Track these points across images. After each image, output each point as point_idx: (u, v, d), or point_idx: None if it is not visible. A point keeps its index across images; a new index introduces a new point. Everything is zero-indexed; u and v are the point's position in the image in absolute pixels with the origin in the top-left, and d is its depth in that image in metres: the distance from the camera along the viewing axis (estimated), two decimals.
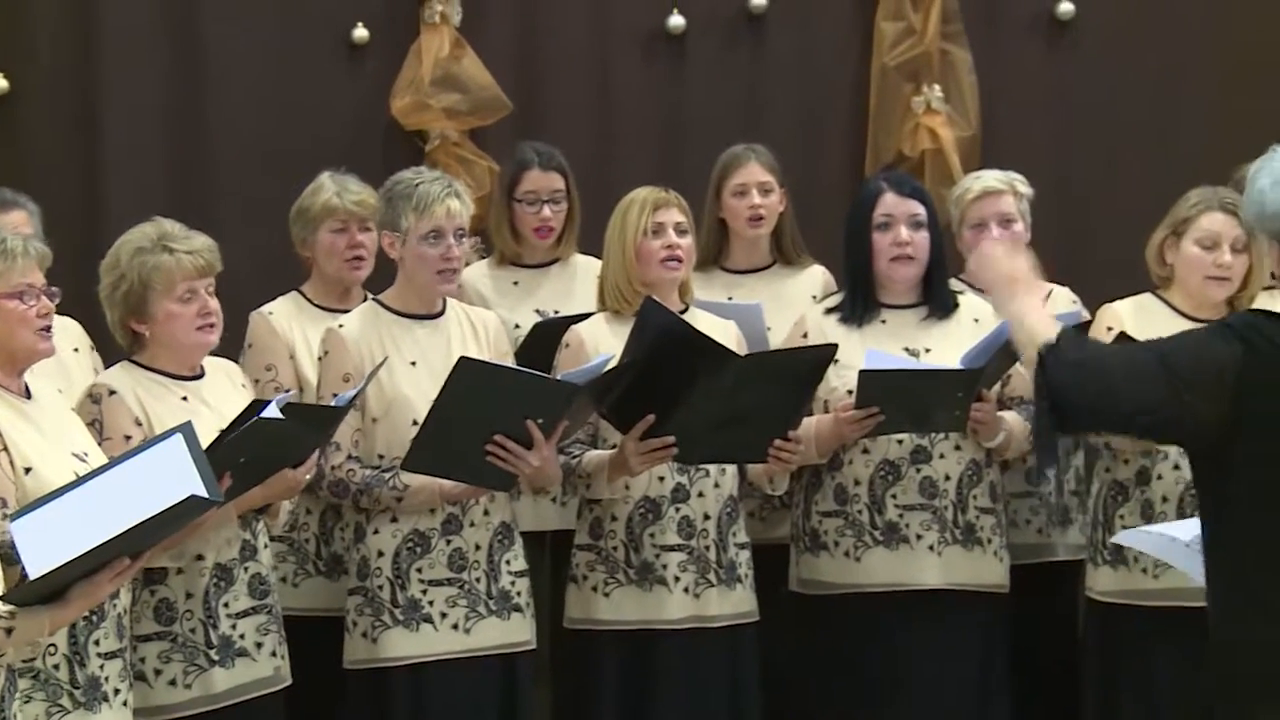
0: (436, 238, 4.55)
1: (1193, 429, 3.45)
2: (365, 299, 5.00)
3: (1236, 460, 3.43)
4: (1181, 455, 4.77)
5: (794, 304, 5.26)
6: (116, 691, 3.93)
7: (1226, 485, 3.48)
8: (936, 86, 6.27)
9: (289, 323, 5.04)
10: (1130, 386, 3.46)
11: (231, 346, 4.72)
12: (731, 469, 4.80)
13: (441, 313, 4.66)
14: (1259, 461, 3.41)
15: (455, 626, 4.55)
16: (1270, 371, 3.42)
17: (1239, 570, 3.47)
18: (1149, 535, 4.16)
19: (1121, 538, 4.40)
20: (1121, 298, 5.00)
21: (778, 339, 5.06)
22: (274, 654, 4.40)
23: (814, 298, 5.32)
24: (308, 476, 4.31)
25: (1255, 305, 4.76)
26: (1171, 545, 3.97)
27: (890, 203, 4.91)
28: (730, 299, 5.23)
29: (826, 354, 4.62)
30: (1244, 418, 3.40)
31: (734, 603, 4.79)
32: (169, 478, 3.53)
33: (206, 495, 3.52)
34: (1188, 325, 4.84)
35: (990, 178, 5.37)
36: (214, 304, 4.28)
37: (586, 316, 4.86)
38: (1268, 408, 3.40)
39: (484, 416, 4.36)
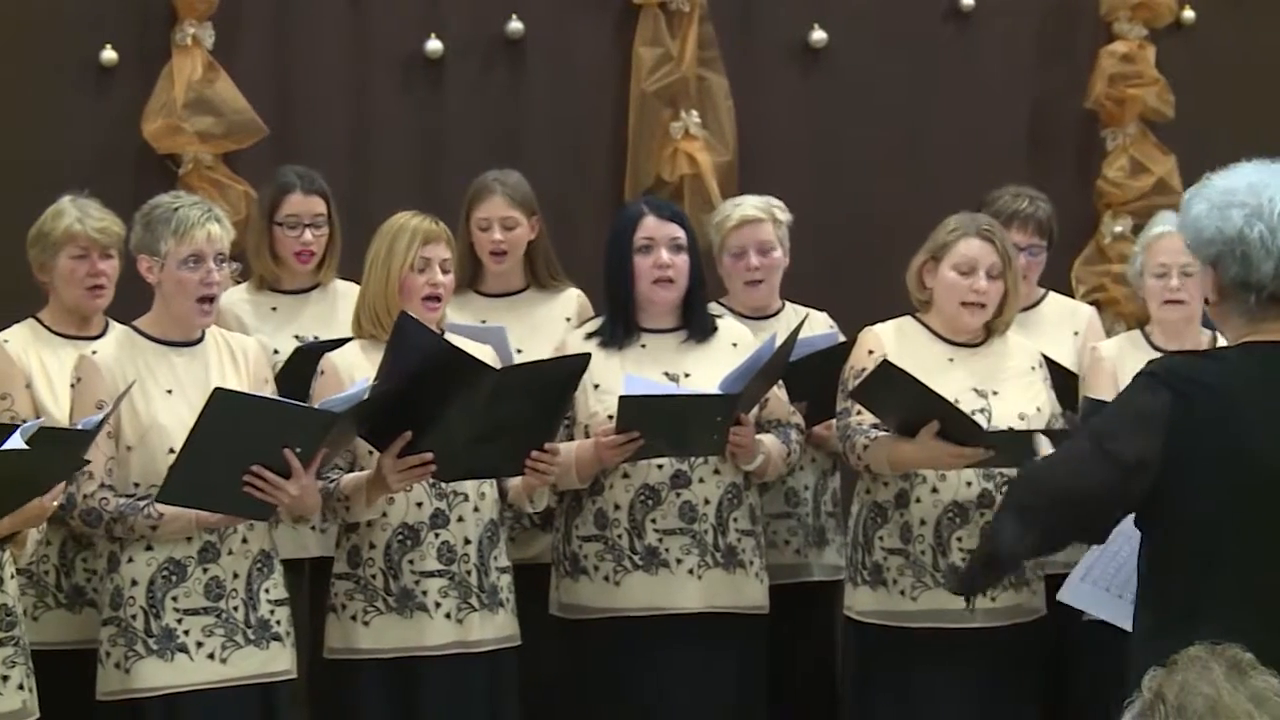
0: (196, 262, 4.48)
1: (1135, 485, 3.48)
2: (106, 325, 4.91)
3: (1173, 501, 3.47)
4: (939, 478, 4.87)
5: (549, 328, 5.26)
6: None
7: (1165, 530, 3.52)
8: (694, 112, 6.32)
9: (25, 350, 4.90)
10: (1074, 474, 3.54)
11: None
12: (491, 492, 4.78)
13: (199, 339, 4.58)
14: (1190, 498, 3.46)
15: (211, 656, 4.47)
16: (1197, 405, 3.46)
17: (1166, 616, 3.50)
18: (1091, 591, 4.24)
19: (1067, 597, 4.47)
20: (879, 321, 5.07)
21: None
22: (21, 687, 4.29)
23: (567, 320, 5.32)
24: (55, 504, 4.22)
25: (1004, 341, 4.92)
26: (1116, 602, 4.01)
27: (651, 226, 4.94)
28: (484, 323, 5.22)
29: (579, 364, 4.63)
30: (1176, 459, 3.44)
31: (497, 627, 4.76)
32: None
33: None
34: (946, 349, 4.94)
35: (749, 206, 5.42)
36: None
37: (344, 343, 4.81)
38: (1197, 440, 3.44)
39: (241, 447, 4.29)
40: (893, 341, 4.95)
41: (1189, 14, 6.71)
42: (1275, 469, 3.42)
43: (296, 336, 5.20)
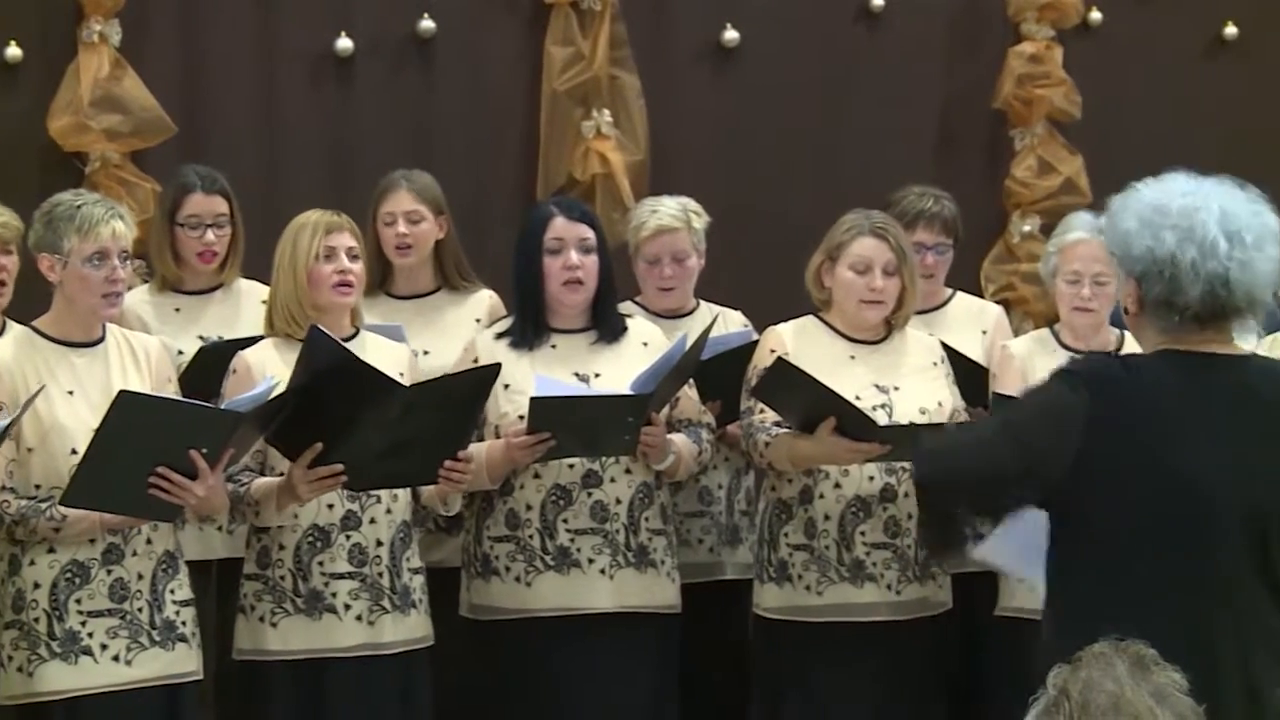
0: (100, 260, 4.44)
1: (1042, 475, 3.50)
2: (4, 325, 4.85)
3: (1083, 499, 3.49)
4: (842, 473, 4.89)
5: (459, 329, 5.25)
6: None
7: (1076, 528, 3.53)
8: (606, 111, 6.32)
9: None
10: (981, 455, 3.57)
11: None
12: (404, 494, 4.76)
13: (101, 339, 4.54)
14: (1103, 500, 3.47)
15: (116, 658, 4.42)
16: (1111, 406, 3.47)
17: (1077, 614, 3.51)
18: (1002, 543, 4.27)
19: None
20: (793, 319, 5.08)
21: (445, 364, 5.03)
22: None
23: (477, 321, 5.31)
24: None
25: (904, 337, 4.94)
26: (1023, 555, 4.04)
27: (560, 227, 4.93)
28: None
29: (490, 373, 4.62)
30: (1089, 458, 3.46)
31: (408, 628, 4.74)
32: None
33: None
34: (847, 346, 4.97)
35: (666, 214, 5.38)
36: None
37: (253, 341, 4.78)
38: (1109, 442, 3.46)
39: (145, 449, 4.26)
40: (794, 340, 4.97)
41: (1096, 15, 6.77)
42: (1186, 478, 3.44)
43: (200, 337, 5.17)
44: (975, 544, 4.40)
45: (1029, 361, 5.08)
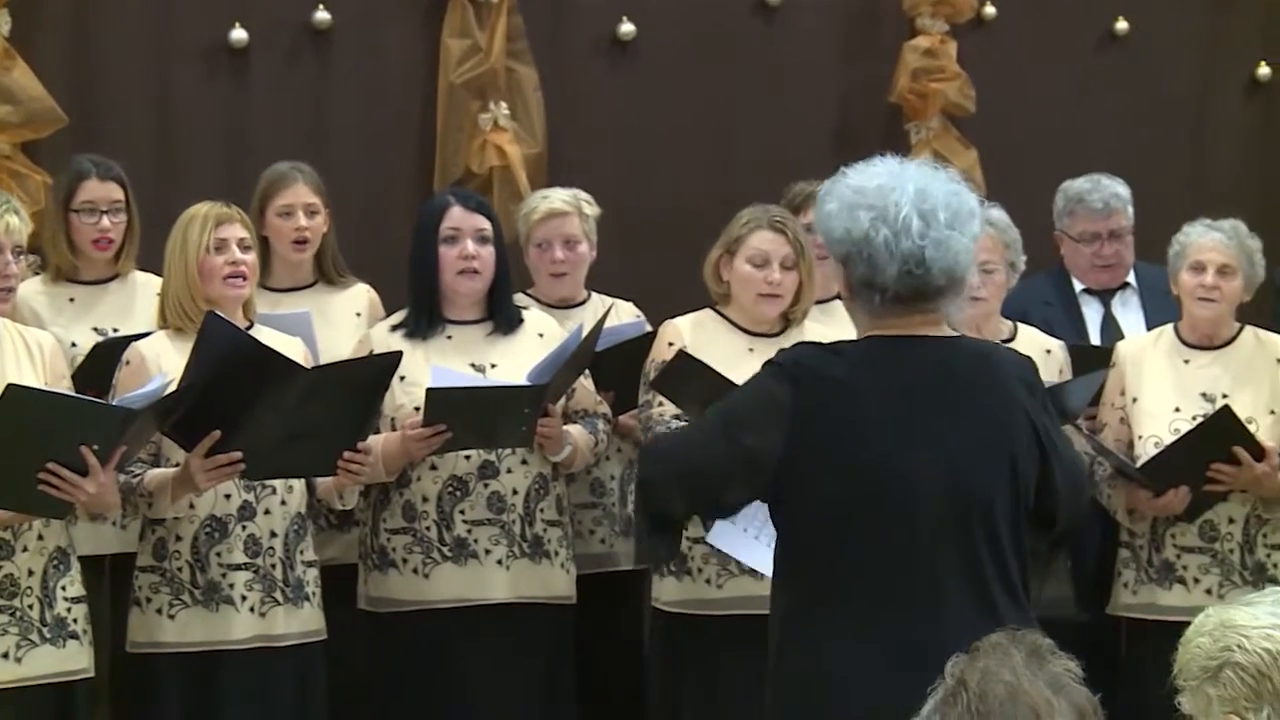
0: None
1: (757, 469, 3.53)
2: None
3: (796, 486, 3.53)
4: None
5: (338, 323, 5.23)
6: None
7: (791, 513, 3.58)
8: (503, 104, 6.30)
9: None
10: (697, 452, 3.60)
11: None
12: (299, 486, 4.74)
13: None
14: (813, 490, 3.51)
15: (6, 655, 4.37)
16: (816, 396, 3.51)
17: (798, 603, 3.57)
18: (731, 532, 4.29)
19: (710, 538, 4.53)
20: (688, 312, 5.10)
21: (325, 358, 4.99)
22: None
23: (358, 315, 5.28)
24: None
25: (801, 330, 4.97)
26: (753, 545, 4.07)
27: (456, 217, 4.93)
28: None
29: (391, 361, 4.60)
30: (799, 447, 3.49)
31: (301, 621, 4.72)
32: None
33: None
34: (745, 339, 4.99)
35: (556, 198, 5.43)
36: None
37: (148, 335, 4.74)
38: (817, 430, 3.49)
39: (35, 445, 4.21)
40: (692, 333, 5.00)
41: (990, 9, 6.82)
42: (889, 463, 3.48)
43: (95, 329, 5.12)
44: (707, 532, 4.49)
45: None
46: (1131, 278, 5.87)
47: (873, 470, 3.48)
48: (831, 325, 5.26)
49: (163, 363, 4.59)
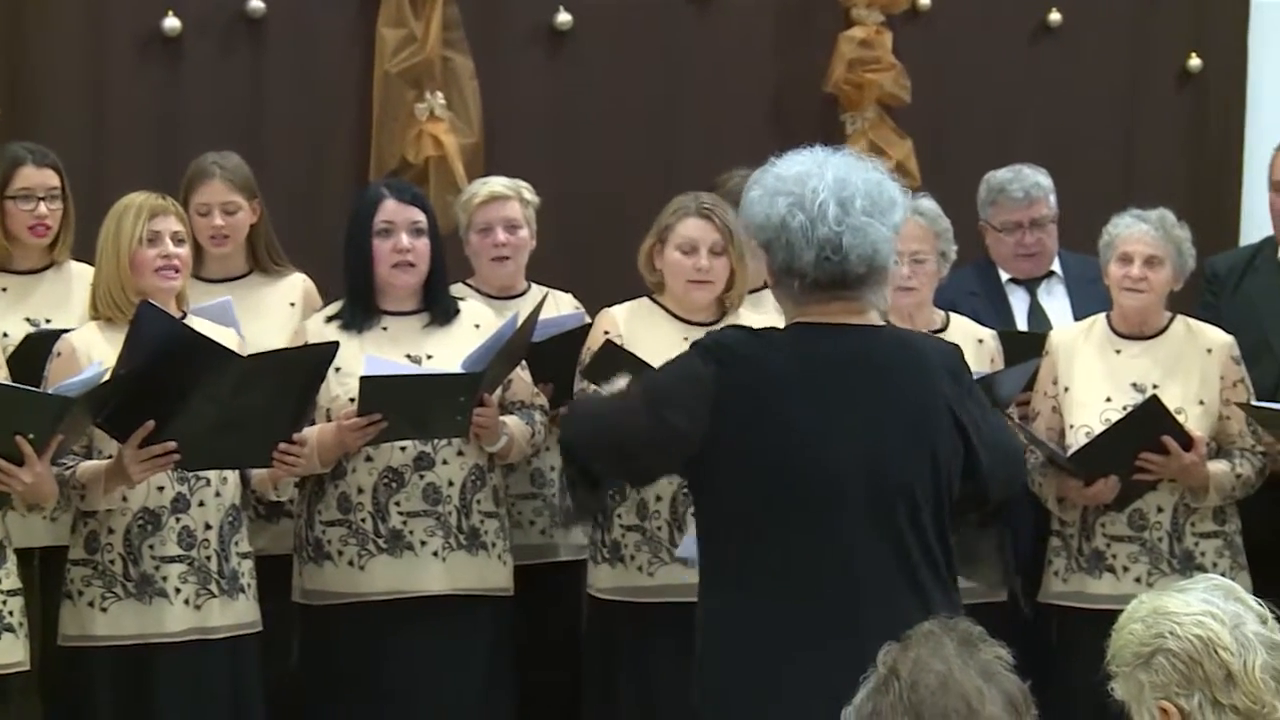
0: None
1: (678, 446, 3.56)
2: None
3: (718, 470, 3.56)
4: None
5: (272, 313, 5.21)
6: None
7: (713, 498, 3.61)
8: (439, 94, 6.28)
9: None
10: (620, 420, 3.65)
11: None
12: (233, 477, 4.72)
13: None
14: (734, 475, 3.54)
15: None
16: (740, 379, 3.54)
17: (723, 589, 3.61)
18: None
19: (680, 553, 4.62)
20: (625, 302, 5.11)
21: (260, 349, 4.96)
22: None
23: (292, 305, 5.27)
24: None
25: (737, 317, 4.99)
26: None
27: (390, 209, 4.91)
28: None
29: (327, 352, 4.59)
30: (721, 429, 3.52)
31: (236, 613, 4.71)
32: None
33: None
34: (681, 328, 5.00)
35: (497, 184, 5.45)
36: None
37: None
38: (739, 413, 3.52)
39: None
40: (628, 322, 5.01)
41: (925, 1, 6.84)
42: (808, 449, 3.52)
43: (28, 319, 5.08)
44: (675, 548, 4.55)
45: None
46: (1057, 266, 5.91)
47: (792, 457, 3.51)
48: (767, 314, 5.28)
49: (94, 354, 4.57)
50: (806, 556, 3.51)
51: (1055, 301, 5.88)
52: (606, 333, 4.98)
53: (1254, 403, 5.06)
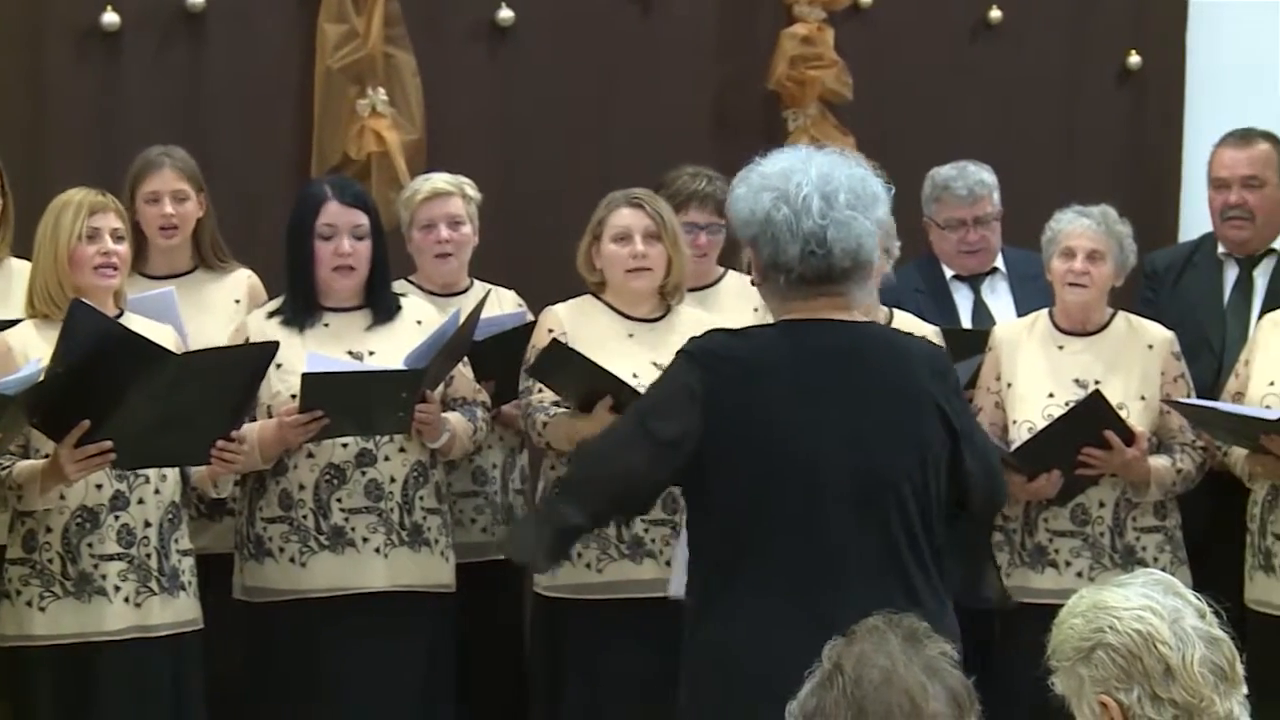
0: None
1: (673, 457, 3.60)
2: None
3: (708, 470, 3.58)
4: None
5: (218, 310, 5.19)
6: None
7: (705, 498, 3.63)
8: (381, 90, 6.26)
9: None
10: (618, 454, 3.67)
11: None
12: (173, 474, 4.70)
13: None
14: (723, 474, 3.57)
15: None
16: (726, 381, 3.57)
17: (711, 586, 3.63)
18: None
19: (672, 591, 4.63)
20: (567, 300, 5.10)
21: (205, 345, 4.94)
22: None
23: (237, 302, 5.25)
24: None
25: (679, 313, 5.01)
26: None
27: (333, 212, 4.89)
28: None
29: (268, 351, 4.57)
30: (709, 434, 3.55)
31: (176, 611, 4.69)
32: None
33: None
34: (625, 324, 5.01)
35: (439, 180, 5.43)
36: None
37: (12, 324, 4.68)
38: (728, 413, 3.55)
39: None
40: (572, 319, 5.01)
41: None
42: (794, 447, 3.55)
43: None
44: (669, 586, 4.60)
45: None
46: (1000, 263, 5.93)
47: (779, 453, 3.54)
48: (712, 311, 5.30)
49: (30, 352, 4.54)
50: (796, 553, 3.53)
51: (999, 298, 5.91)
52: (550, 330, 4.97)
53: (1178, 399, 5.08)
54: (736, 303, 5.51)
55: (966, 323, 5.83)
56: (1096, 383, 5.08)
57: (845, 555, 3.53)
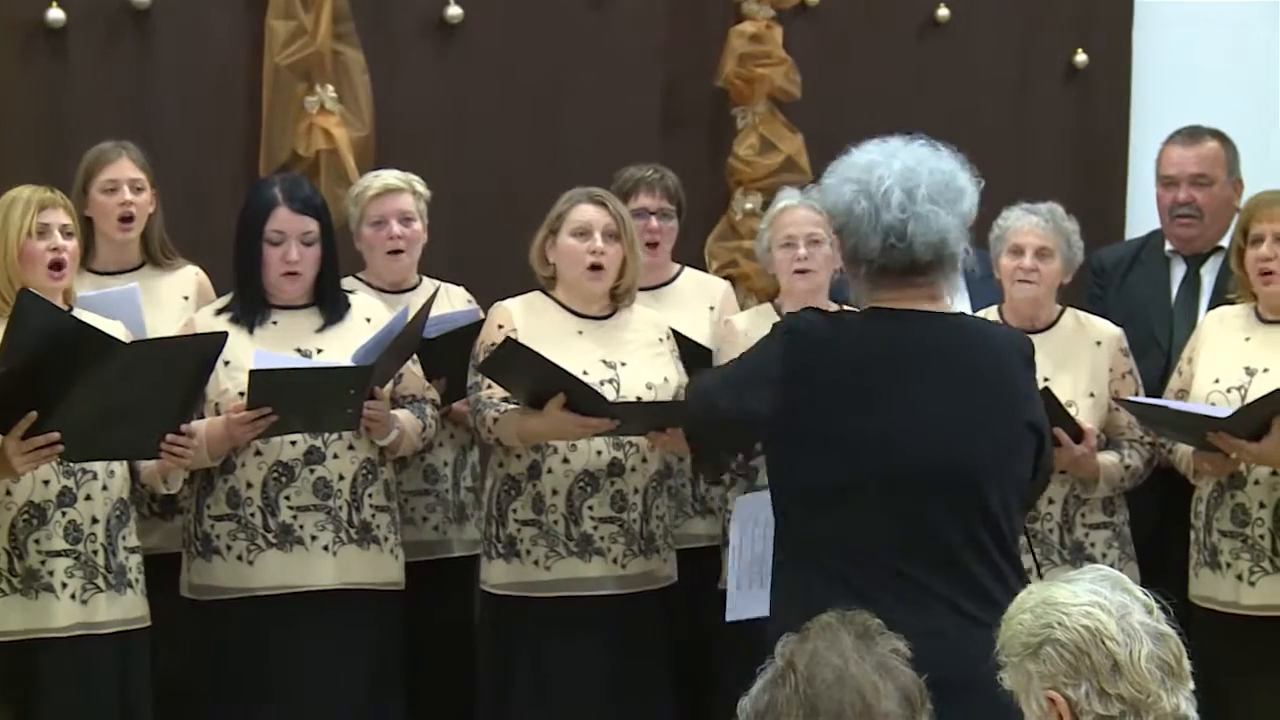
0: None
1: (754, 426, 3.68)
2: None
3: (787, 446, 3.64)
4: (570, 448, 4.92)
5: (166, 306, 5.17)
6: None
7: (785, 475, 3.67)
8: (330, 87, 6.23)
9: None
10: (713, 401, 3.76)
11: None
12: (121, 470, 4.68)
13: None
14: (802, 446, 3.61)
15: None
16: (809, 357, 3.61)
17: (792, 565, 3.65)
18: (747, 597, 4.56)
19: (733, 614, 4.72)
20: (512, 295, 5.09)
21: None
22: None
23: (185, 299, 5.23)
24: None
25: (631, 312, 5.02)
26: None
27: (283, 219, 4.87)
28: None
29: (216, 342, 4.55)
30: (791, 406, 3.59)
31: (124, 608, 4.66)
32: None
33: None
34: (575, 321, 5.01)
35: (389, 176, 5.43)
36: None
37: None
38: (808, 391, 3.59)
39: None
40: (523, 316, 5.00)
41: None
42: (878, 434, 3.56)
43: None
44: (728, 612, 4.62)
45: (752, 335, 5.15)
46: None
47: (859, 436, 3.56)
48: (668, 309, 5.31)
49: None
50: (878, 535, 3.55)
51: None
52: (501, 325, 4.97)
53: (1127, 398, 5.11)
54: (692, 300, 5.54)
55: None
56: (1045, 380, 5.10)
57: (930, 538, 3.55)
